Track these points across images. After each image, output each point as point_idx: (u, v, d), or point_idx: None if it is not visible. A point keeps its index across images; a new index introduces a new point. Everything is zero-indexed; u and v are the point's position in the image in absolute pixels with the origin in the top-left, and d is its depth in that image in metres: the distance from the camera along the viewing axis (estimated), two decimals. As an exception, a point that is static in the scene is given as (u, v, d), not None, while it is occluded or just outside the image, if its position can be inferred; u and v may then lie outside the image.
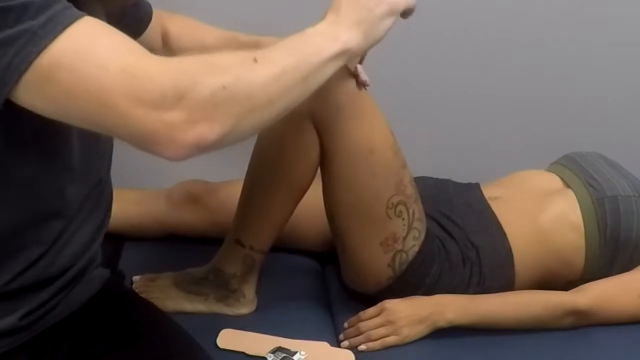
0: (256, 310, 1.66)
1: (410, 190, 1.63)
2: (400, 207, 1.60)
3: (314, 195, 1.64)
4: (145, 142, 0.98)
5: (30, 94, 0.98)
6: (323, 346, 1.56)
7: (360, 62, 1.53)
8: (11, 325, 1.20)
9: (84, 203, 1.26)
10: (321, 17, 1.21)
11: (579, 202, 1.77)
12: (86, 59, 0.97)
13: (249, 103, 1.02)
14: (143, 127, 0.96)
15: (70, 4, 1.01)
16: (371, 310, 1.63)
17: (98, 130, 1.03)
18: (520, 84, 2.24)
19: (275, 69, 1.05)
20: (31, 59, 0.96)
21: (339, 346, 1.60)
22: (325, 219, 1.69)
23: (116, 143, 1.33)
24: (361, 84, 1.54)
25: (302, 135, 1.54)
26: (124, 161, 2.06)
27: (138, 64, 0.98)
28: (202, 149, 0.99)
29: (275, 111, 1.06)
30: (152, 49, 1.04)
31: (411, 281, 1.66)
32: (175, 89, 0.96)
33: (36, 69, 0.96)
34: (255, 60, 1.04)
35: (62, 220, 1.22)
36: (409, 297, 1.64)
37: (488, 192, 1.85)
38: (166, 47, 1.65)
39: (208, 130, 0.98)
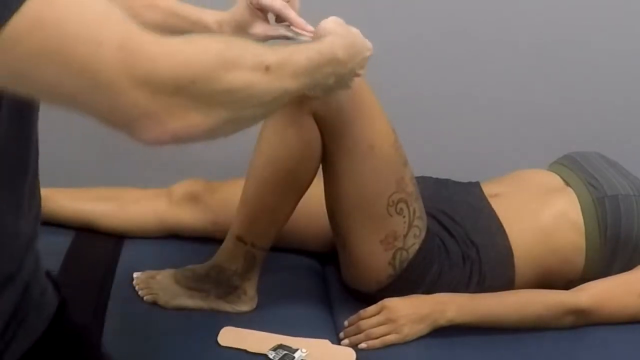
0: (257, 308, 1.66)
1: (411, 187, 1.63)
2: (401, 205, 1.61)
3: (315, 196, 1.65)
4: (129, 123, 0.91)
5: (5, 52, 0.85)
6: (324, 344, 1.56)
7: None
8: None
9: None
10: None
11: (579, 201, 1.77)
12: (73, 19, 0.86)
13: (246, 110, 0.99)
14: (135, 107, 0.89)
15: None
16: (371, 309, 1.63)
17: (75, 109, 0.91)
18: (520, 84, 2.25)
19: (282, 86, 1.02)
20: (12, 11, 0.83)
21: (339, 344, 1.60)
22: (326, 220, 1.69)
23: (115, 143, 1.30)
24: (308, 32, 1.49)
25: (303, 132, 1.54)
26: (124, 160, 2.07)
27: (136, 40, 0.89)
28: (181, 140, 0.94)
29: (262, 118, 1.05)
30: None
31: (411, 279, 1.66)
32: (183, 76, 0.91)
33: (19, 22, 0.83)
34: (267, 69, 1.00)
35: None
36: (410, 295, 1.64)
37: (488, 189, 1.86)
38: None
39: (197, 125, 0.94)
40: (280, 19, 1.37)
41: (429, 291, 1.66)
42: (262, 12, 1.38)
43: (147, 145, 0.93)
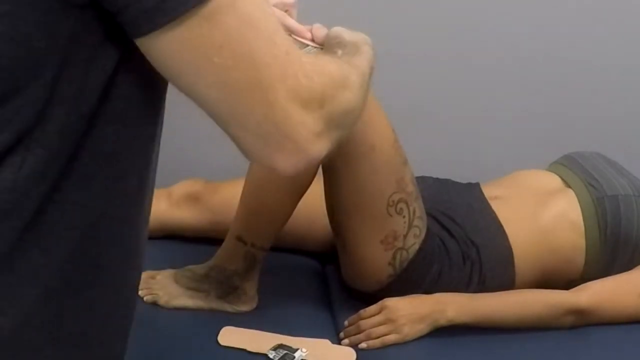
0: (257, 307, 1.66)
1: (411, 187, 1.63)
2: (401, 205, 1.61)
3: (315, 196, 1.65)
4: (272, 140, 0.86)
5: (181, 40, 0.81)
6: (324, 343, 1.56)
7: None
8: None
9: None
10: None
11: (579, 201, 1.77)
12: (261, 16, 0.84)
13: (349, 127, 0.98)
14: (286, 123, 0.85)
15: None
16: (372, 309, 1.62)
17: (220, 108, 0.86)
18: (520, 84, 2.25)
19: (366, 97, 1.03)
20: None
21: (339, 344, 1.60)
22: (326, 220, 1.69)
23: None
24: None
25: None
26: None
27: (297, 54, 0.88)
28: (309, 165, 0.90)
29: None
30: None
31: (411, 279, 1.66)
32: (323, 92, 0.88)
33: (210, 6, 0.81)
34: (361, 86, 1.00)
35: None
36: (410, 295, 1.64)
37: (488, 191, 1.86)
38: None
39: (325, 148, 0.90)
40: None
41: (429, 291, 1.66)
42: None
43: (282, 173, 0.89)
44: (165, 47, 0.82)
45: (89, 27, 0.82)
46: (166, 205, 1.86)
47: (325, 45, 1.20)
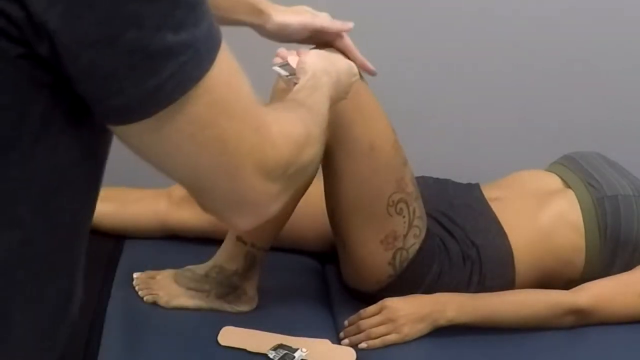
0: (257, 308, 1.66)
1: (411, 187, 1.63)
2: (401, 205, 1.61)
3: (315, 196, 1.65)
4: (235, 208, 0.88)
5: (151, 130, 0.79)
6: (324, 343, 1.56)
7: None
8: None
9: None
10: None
11: (579, 201, 1.77)
12: (234, 100, 0.82)
13: (310, 175, 1.02)
14: (250, 193, 0.86)
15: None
16: (371, 309, 1.62)
17: (188, 183, 0.87)
18: (520, 84, 2.25)
19: (324, 143, 1.04)
20: (189, 86, 0.77)
21: (339, 344, 1.60)
22: (326, 220, 1.69)
23: (115, 143, 1.29)
24: (368, 73, 1.56)
25: None
26: (123, 160, 2.07)
27: (268, 125, 0.87)
28: (265, 219, 0.93)
29: None
30: None
31: (411, 279, 1.66)
32: (287, 159, 0.89)
33: (184, 98, 0.77)
34: (322, 132, 1.02)
35: None
36: (410, 295, 1.64)
37: (488, 193, 1.86)
38: None
39: (282, 203, 0.92)
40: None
41: (429, 291, 1.66)
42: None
43: (238, 229, 0.91)
44: (135, 136, 0.81)
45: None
46: (166, 206, 1.86)
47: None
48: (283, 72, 1.35)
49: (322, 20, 1.53)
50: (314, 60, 1.29)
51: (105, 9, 0.72)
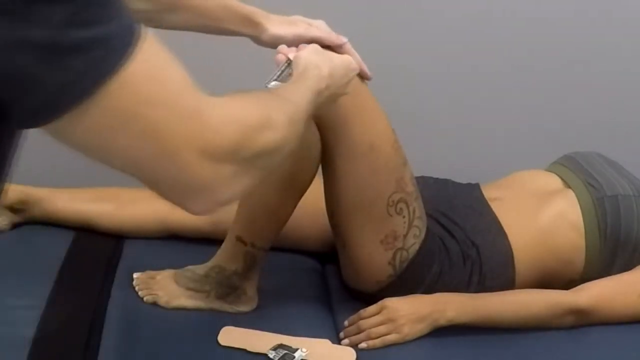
0: (257, 307, 1.66)
1: (411, 187, 1.63)
2: (401, 205, 1.61)
3: (315, 196, 1.65)
4: (186, 194, 0.90)
5: (76, 127, 0.80)
6: (324, 343, 1.56)
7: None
8: None
9: None
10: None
11: (579, 201, 1.77)
12: (159, 89, 0.83)
13: (273, 164, 1.01)
14: (197, 178, 0.88)
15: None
16: (372, 309, 1.62)
17: (136, 174, 0.89)
18: (520, 84, 2.25)
19: (298, 133, 1.06)
20: (104, 80, 0.78)
21: (339, 344, 1.59)
22: (326, 220, 1.69)
23: None
24: (363, 77, 1.56)
25: (303, 132, 1.54)
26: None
27: (205, 111, 0.88)
28: (225, 205, 0.94)
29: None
30: None
31: (411, 279, 1.66)
32: (235, 142, 0.91)
33: (103, 92, 0.79)
34: (291, 122, 1.03)
35: None
36: (410, 295, 1.64)
37: (488, 193, 1.86)
38: None
39: (242, 187, 0.94)
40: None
41: (429, 291, 1.66)
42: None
43: (196, 214, 0.94)
44: (62, 133, 0.82)
45: None
46: (166, 205, 1.84)
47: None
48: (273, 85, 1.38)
49: (316, 31, 1.52)
50: (308, 54, 1.33)
51: (9, 10, 0.72)
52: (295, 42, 1.49)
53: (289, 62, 1.37)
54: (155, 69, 0.84)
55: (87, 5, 0.76)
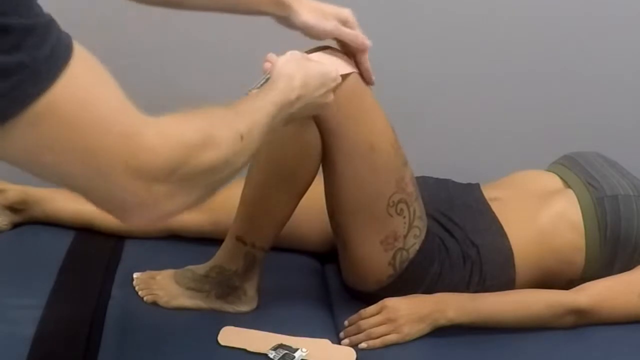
0: (257, 308, 1.66)
1: (411, 188, 1.63)
2: (401, 205, 1.61)
3: (315, 195, 1.64)
4: (122, 210, 0.92)
5: (5, 142, 0.82)
6: (324, 343, 1.56)
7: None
8: None
9: None
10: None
11: (579, 201, 1.77)
12: (87, 111, 0.84)
13: (222, 179, 1.02)
14: (132, 197, 0.89)
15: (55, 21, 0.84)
16: (372, 309, 1.62)
17: (70, 189, 0.92)
18: (520, 84, 2.25)
19: (252, 148, 1.07)
20: (27, 103, 0.80)
21: (339, 344, 1.59)
22: (326, 220, 1.69)
23: None
24: (367, 82, 1.57)
25: (303, 132, 1.54)
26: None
27: (140, 131, 0.89)
28: (167, 219, 0.96)
29: (235, 175, 1.08)
30: None
31: (412, 279, 1.66)
32: (172, 163, 0.91)
33: (27, 115, 0.80)
34: (242, 138, 1.03)
35: None
36: (410, 295, 1.64)
37: (488, 193, 1.86)
38: None
39: (182, 203, 0.95)
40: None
41: (429, 291, 1.66)
42: None
43: (135, 226, 0.95)
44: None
45: None
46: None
47: None
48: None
49: (344, 33, 1.50)
50: (283, 64, 1.31)
51: None
52: (322, 37, 1.49)
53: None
54: (84, 91, 0.85)
55: (9, 33, 0.77)
